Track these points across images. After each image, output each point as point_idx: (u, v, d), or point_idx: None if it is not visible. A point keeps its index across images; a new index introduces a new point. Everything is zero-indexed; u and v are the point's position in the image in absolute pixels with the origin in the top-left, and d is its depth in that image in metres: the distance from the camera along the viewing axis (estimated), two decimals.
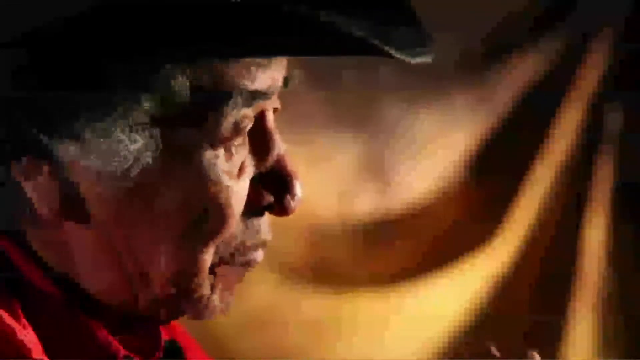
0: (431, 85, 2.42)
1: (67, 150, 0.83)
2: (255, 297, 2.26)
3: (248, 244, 0.89)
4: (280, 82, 0.90)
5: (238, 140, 0.86)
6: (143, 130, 0.83)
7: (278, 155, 0.90)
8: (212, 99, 0.83)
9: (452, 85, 2.45)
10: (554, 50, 2.49)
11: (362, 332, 2.39)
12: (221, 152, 0.85)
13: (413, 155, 2.43)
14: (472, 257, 2.46)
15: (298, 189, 0.90)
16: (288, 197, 0.89)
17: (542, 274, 2.52)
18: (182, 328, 1.04)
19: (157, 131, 0.83)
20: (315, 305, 2.35)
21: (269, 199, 0.89)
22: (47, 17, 0.80)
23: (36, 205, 0.85)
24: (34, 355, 0.81)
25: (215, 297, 0.90)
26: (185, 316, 0.92)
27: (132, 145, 0.83)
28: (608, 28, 2.50)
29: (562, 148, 2.51)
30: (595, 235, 2.52)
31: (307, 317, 2.33)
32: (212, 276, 0.89)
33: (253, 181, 0.88)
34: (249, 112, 0.86)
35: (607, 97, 2.52)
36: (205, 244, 0.86)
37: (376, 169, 2.40)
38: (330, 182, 2.35)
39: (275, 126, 0.91)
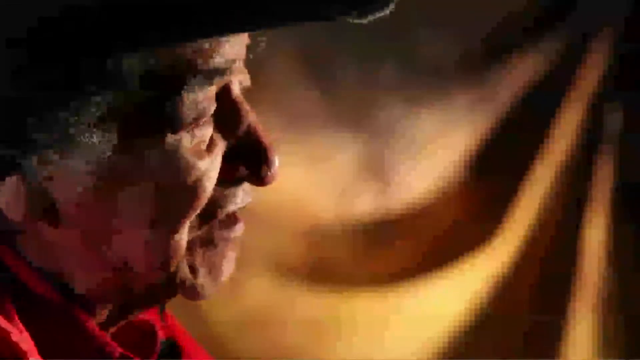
0: (431, 85, 2.42)
1: (31, 159, 0.83)
2: (255, 296, 2.26)
3: (223, 214, 0.89)
4: (241, 55, 0.87)
5: (202, 120, 0.85)
6: (99, 125, 0.82)
7: (249, 126, 0.88)
8: (167, 84, 0.82)
9: (452, 85, 2.45)
10: (554, 50, 2.50)
11: (362, 332, 2.39)
12: (184, 134, 0.84)
13: (413, 155, 2.44)
14: (472, 257, 2.46)
15: (273, 155, 0.88)
16: (264, 166, 0.88)
17: (542, 274, 2.52)
18: (182, 328, 1.04)
19: (114, 125, 0.82)
20: (314, 305, 2.35)
21: (243, 171, 0.88)
22: None
23: (6, 212, 0.85)
24: (30, 358, 0.81)
25: (201, 279, 0.89)
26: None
27: (92, 144, 0.82)
28: (608, 28, 2.50)
29: (562, 148, 2.51)
30: (595, 235, 2.53)
31: (306, 317, 2.34)
32: (191, 258, 0.88)
33: (227, 154, 0.87)
34: (207, 93, 0.84)
35: (607, 97, 2.52)
36: (179, 225, 0.85)
37: (376, 169, 2.40)
38: (330, 182, 2.35)
39: (242, 97, 0.89)
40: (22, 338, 0.82)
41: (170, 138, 0.83)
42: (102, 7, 0.79)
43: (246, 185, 0.89)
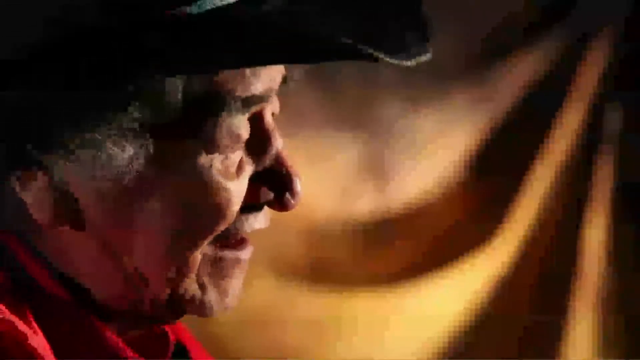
0: (431, 85, 2.42)
1: (59, 161, 0.83)
2: (255, 296, 2.26)
3: (242, 234, 0.90)
4: (277, 84, 0.90)
5: (236, 145, 0.86)
6: (134, 138, 0.83)
7: (277, 152, 0.90)
8: (206, 107, 0.83)
9: (452, 85, 2.45)
10: (554, 50, 2.49)
11: (362, 332, 2.39)
12: (216, 156, 0.85)
13: (413, 155, 2.44)
14: (472, 257, 2.46)
15: (298, 185, 0.89)
16: (287, 194, 0.89)
17: (542, 274, 2.52)
18: (185, 328, 1.04)
19: (148, 139, 0.83)
20: (314, 305, 2.35)
21: (269, 195, 0.89)
22: (35, 28, 0.80)
23: (32, 213, 0.85)
24: (44, 356, 0.81)
25: (210, 297, 0.90)
26: (184, 318, 0.93)
27: (122, 154, 0.83)
28: (608, 28, 2.50)
29: (562, 148, 2.51)
30: (595, 235, 2.52)
31: (306, 317, 2.33)
32: (200, 276, 0.88)
33: (252, 179, 0.88)
34: (244, 119, 0.86)
35: (607, 97, 2.52)
36: (199, 242, 0.86)
37: (376, 169, 2.40)
38: (330, 181, 2.35)
39: (273, 124, 0.91)
40: (38, 341, 0.82)
41: (203, 158, 0.84)
42: (157, 25, 0.80)
43: (266, 209, 0.91)
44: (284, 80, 0.92)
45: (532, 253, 2.50)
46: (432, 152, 2.46)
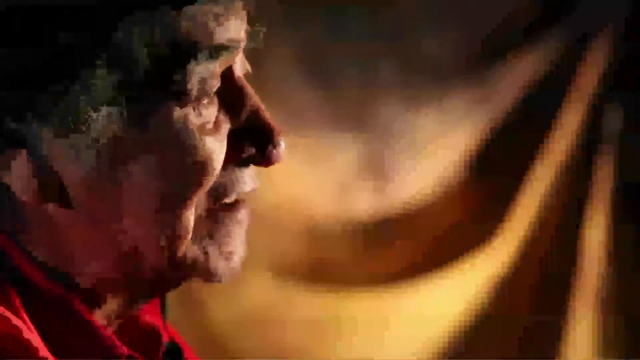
0: (431, 85, 2.42)
1: (37, 132, 0.83)
2: (254, 296, 2.26)
3: (231, 197, 0.90)
4: (242, 36, 0.89)
5: (206, 99, 0.86)
6: (106, 99, 0.83)
7: (254, 108, 0.90)
8: (172, 59, 0.84)
9: (452, 85, 2.45)
10: (554, 50, 2.49)
11: (361, 332, 2.39)
12: (191, 112, 0.85)
13: (413, 155, 2.44)
14: (472, 257, 2.46)
15: (279, 137, 0.90)
16: (270, 146, 0.90)
17: (542, 274, 2.52)
18: (178, 334, 1.04)
19: (121, 99, 0.83)
20: (314, 305, 2.35)
21: (250, 150, 0.90)
22: None
23: (16, 192, 0.85)
24: (41, 354, 0.81)
25: (214, 259, 0.89)
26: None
27: (97, 115, 0.83)
28: (608, 28, 2.50)
29: (562, 148, 2.51)
30: (595, 235, 2.52)
31: (305, 317, 2.33)
32: (199, 238, 0.88)
33: (232, 137, 0.89)
34: (213, 69, 0.86)
35: (607, 97, 2.52)
36: (186, 203, 0.86)
37: (376, 169, 2.40)
38: (330, 181, 2.35)
39: (244, 80, 0.91)
40: (32, 336, 0.82)
41: (177, 113, 0.84)
42: None
43: (252, 171, 0.91)
44: (251, 37, 0.90)
45: (532, 253, 2.50)
46: (432, 152, 2.46)
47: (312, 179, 2.29)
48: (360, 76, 2.35)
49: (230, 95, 0.88)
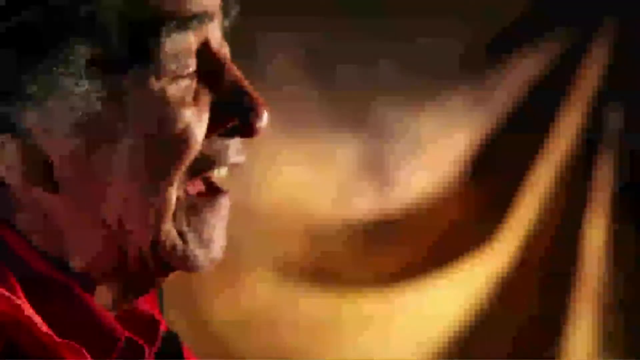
0: (431, 85, 2.42)
1: (22, 114, 0.84)
2: (255, 296, 2.26)
3: (216, 167, 0.90)
4: (215, 9, 0.89)
5: (184, 70, 0.87)
6: (84, 74, 0.84)
7: (234, 79, 0.90)
8: (145, 31, 0.84)
9: (452, 85, 2.45)
10: (554, 50, 2.50)
11: (362, 332, 2.39)
12: (169, 84, 0.86)
13: (413, 155, 2.44)
14: (472, 257, 2.46)
15: (262, 107, 0.89)
16: (253, 115, 0.88)
17: (542, 274, 2.52)
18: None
19: (98, 72, 0.84)
20: (314, 304, 2.35)
21: (234, 121, 0.89)
22: None
23: (4, 175, 0.86)
24: (43, 330, 0.82)
25: (193, 247, 0.89)
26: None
27: (77, 89, 0.84)
28: (608, 28, 2.50)
29: (562, 148, 2.51)
30: (595, 236, 2.53)
31: (306, 317, 2.34)
32: (178, 224, 0.88)
33: (214, 110, 0.88)
34: (185, 40, 0.86)
35: (607, 97, 2.52)
36: (170, 176, 0.86)
37: (376, 169, 2.40)
38: (330, 181, 2.35)
39: (222, 53, 0.91)
40: (32, 313, 0.82)
41: (154, 85, 0.85)
42: None
43: (238, 144, 0.90)
44: (226, 12, 0.91)
45: (533, 253, 2.50)
46: (432, 152, 2.46)
47: (312, 179, 2.29)
48: (360, 76, 2.35)
49: (209, 67, 0.88)
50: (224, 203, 0.91)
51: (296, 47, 2.26)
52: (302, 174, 2.29)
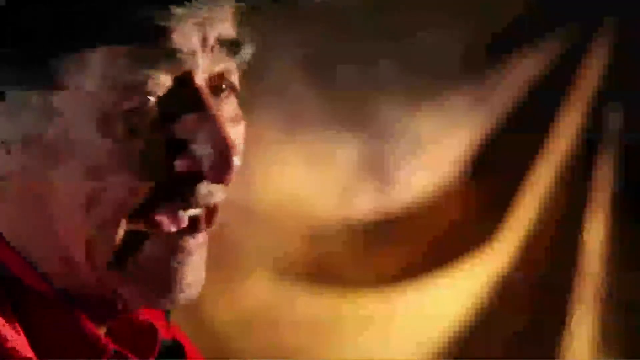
0: (431, 85, 2.42)
1: None
2: (255, 296, 2.26)
3: (180, 213, 0.85)
4: (207, 45, 0.84)
5: (142, 104, 0.82)
6: (32, 97, 0.82)
7: (210, 121, 0.83)
8: (99, 60, 0.81)
9: (452, 85, 2.45)
10: (554, 50, 2.50)
11: (362, 332, 2.39)
12: (119, 113, 0.81)
13: (413, 155, 2.44)
14: (472, 257, 2.46)
15: (232, 155, 0.82)
16: (219, 165, 0.82)
17: (542, 274, 2.52)
18: (182, 331, 1.02)
19: (43, 96, 0.81)
20: (314, 304, 2.35)
21: (201, 165, 0.83)
22: None
23: None
24: (19, 350, 0.80)
25: (151, 283, 0.85)
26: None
27: (24, 112, 0.82)
28: (608, 28, 2.50)
29: (562, 148, 2.51)
30: (595, 235, 2.53)
31: (306, 317, 2.34)
32: (136, 258, 0.84)
33: (181, 148, 0.83)
34: (149, 75, 0.82)
35: (607, 97, 2.52)
36: (115, 211, 0.82)
37: (376, 169, 2.40)
38: (330, 181, 2.35)
39: (205, 89, 0.84)
40: (11, 332, 0.81)
41: (102, 115, 0.81)
42: None
43: (207, 185, 0.85)
44: (235, 45, 0.87)
45: (532, 253, 2.50)
46: (432, 152, 2.46)
47: (312, 179, 2.29)
48: (360, 76, 2.35)
49: (185, 101, 0.83)
50: (198, 240, 0.86)
51: (296, 47, 2.26)
52: (302, 174, 2.28)
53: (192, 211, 0.85)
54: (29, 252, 0.86)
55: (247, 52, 0.88)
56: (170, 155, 0.83)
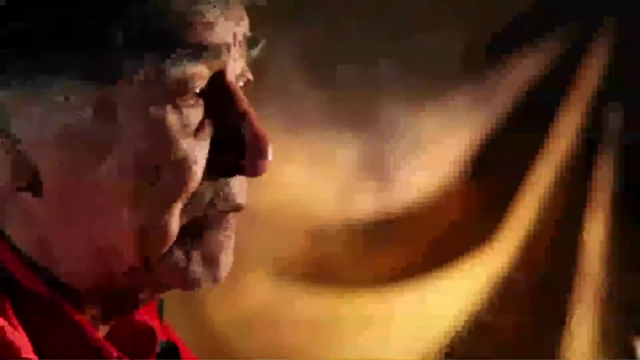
0: (431, 85, 2.42)
1: (13, 118, 0.82)
2: (255, 296, 2.26)
3: (219, 208, 0.86)
4: (235, 42, 0.86)
5: (189, 99, 0.84)
6: (79, 87, 0.81)
7: (243, 115, 0.86)
8: (150, 53, 0.81)
9: (452, 85, 2.45)
10: (554, 50, 2.50)
11: (362, 332, 2.39)
12: (169, 109, 0.83)
13: (413, 155, 2.44)
14: (472, 257, 2.46)
15: (267, 146, 0.85)
16: (256, 156, 0.85)
17: (542, 274, 2.52)
18: (176, 334, 1.02)
19: (94, 87, 0.81)
20: (314, 304, 2.35)
21: (237, 160, 0.85)
22: None
23: None
24: (23, 355, 0.79)
25: (195, 266, 0.86)
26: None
27: (69, 102, 0.81)
28: (608, 28, 2.50)
29: (562, 148, 2.51)
30: (595, 235, 2.53)
31: (306, 317, 2.34)
32: (185, 243, 0.85)
33: (218, 142, 0.85)
34: (197, 69, 0.83)
35: (607, 97, 2.52)
36: (165, 206, 0.83)
37: (376, 169, 2.40)
38: (330, 181, 2.35)
39: (236, 84, 0.87)
40: (16, 335, 0.80)
41: (153, 110, 0.82)
42: None
43: (242, 183, 0.88)
44: (252, 44, 0.89)
45: (532, 253, 2.50)
46: (432, 152, 2.46)
47: (312, 179, 2.29)
48: (361, 76, 2.35)
49: (219, 99, 0.85)
50: (234, 222, 0.88)
51: (297, 47, 2.26)
52: (302, 174, 2.28)
53: (226, 204, 0.87)
54: (51, 251, 0.85)
55: (259, 49, 0.90)
56: (212, 150, 0.85)
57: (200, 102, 0.85)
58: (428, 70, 2.40)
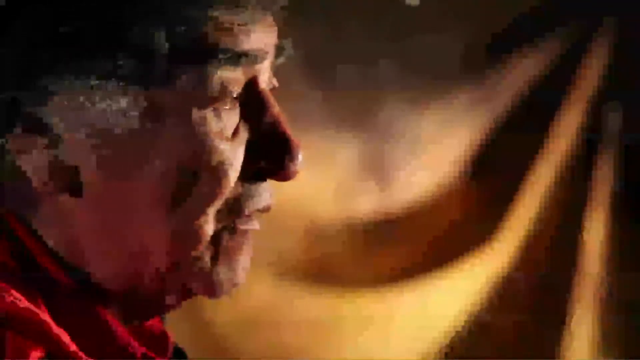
0: (431, 85, 2.42)
1: (55, 117, 0.83)
2: (255, 296, 2.26)
3: (246, 211, 0.88)
4: (269, 49, 0.89)
5: (227, 104, 0.86)
6: (125, 90, 0.82)
7: (274, 119, 0.89)
8: (194, 58, 0.83)
9: (452, 85, 2.45)
10: (554, 50, 2.50)
11: (362, 332, 2.39)
12: (210, 114, 0.84)
13: (413, 155, 2.44)
14: (472, 257, 2.46)
15: (297, 151, 0.88)
16: (287, 160, 0.88)
17: (542, 274, 2.52)
18: (172, 334, 1.03)
19: (140, 91, 0.83)
20: (314, 305, 2.35)
21: (268, 164, 0.88)
22: None
23: (30, 178, 0.85)
24: (71, 349, 0.81)
25: (221, 271, 0.88)
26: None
27: (114, 106, 0.83)
28: (608, 28, 2.50)
29: (562, 148, 2.51)
30: (595, 235, 2.53)
31: (306, 317, 2.34)
32: (213, 247, 0.87)
33: (249, 147, 0.87)
34: (236, 75, 0.85)
35: (607, 97, 2.52)
36: (201, 210, 0.84)
37: (376, 169, 2.41)
38: (331, 181, 2.35)
39: (268, 91, 0.90)
40: (61, 331, 0.82)
41: (196, 113, 0.84)
42: None
43: (269, 186, 0.89)
44: (278, 52, 0.92)
45: (532, 253, 2.50)
46: (432, 152, 2.46)
47: (313, 179, 2.29)
48: (361, 76, 2.36)
49: (252, 105, 0.87)
50: (255, 222, 0.91)
51: (296, 47, 2.26)
52: (302, 173, 2.28)
53: (257, 206, 0.89)
54: (82, 251, 0.86)
55: (286, 55, 0.94)
56: (248, 154, 0.87)
57: (237, 106, 0.86)
58: (428, 70, 2.40)
